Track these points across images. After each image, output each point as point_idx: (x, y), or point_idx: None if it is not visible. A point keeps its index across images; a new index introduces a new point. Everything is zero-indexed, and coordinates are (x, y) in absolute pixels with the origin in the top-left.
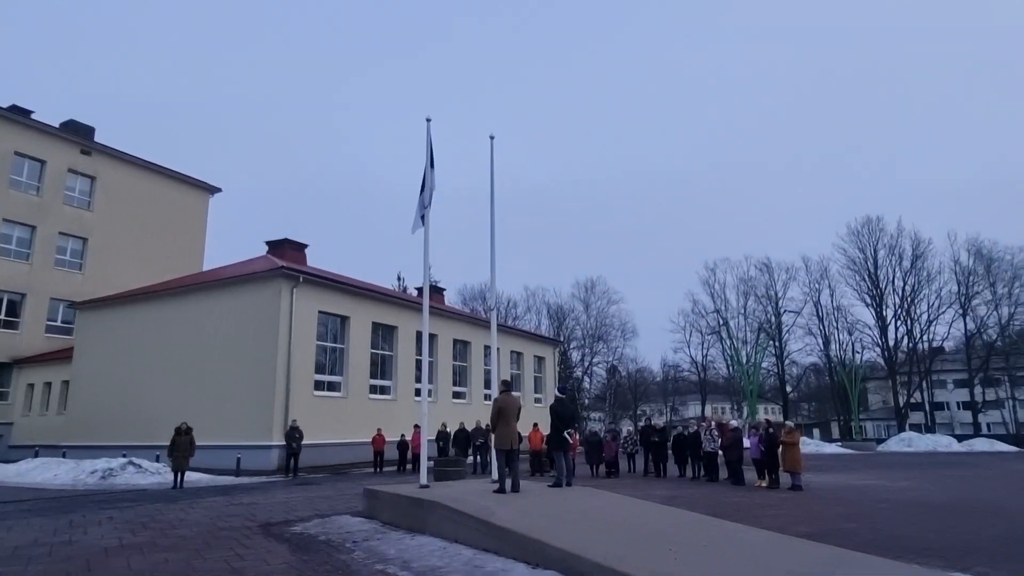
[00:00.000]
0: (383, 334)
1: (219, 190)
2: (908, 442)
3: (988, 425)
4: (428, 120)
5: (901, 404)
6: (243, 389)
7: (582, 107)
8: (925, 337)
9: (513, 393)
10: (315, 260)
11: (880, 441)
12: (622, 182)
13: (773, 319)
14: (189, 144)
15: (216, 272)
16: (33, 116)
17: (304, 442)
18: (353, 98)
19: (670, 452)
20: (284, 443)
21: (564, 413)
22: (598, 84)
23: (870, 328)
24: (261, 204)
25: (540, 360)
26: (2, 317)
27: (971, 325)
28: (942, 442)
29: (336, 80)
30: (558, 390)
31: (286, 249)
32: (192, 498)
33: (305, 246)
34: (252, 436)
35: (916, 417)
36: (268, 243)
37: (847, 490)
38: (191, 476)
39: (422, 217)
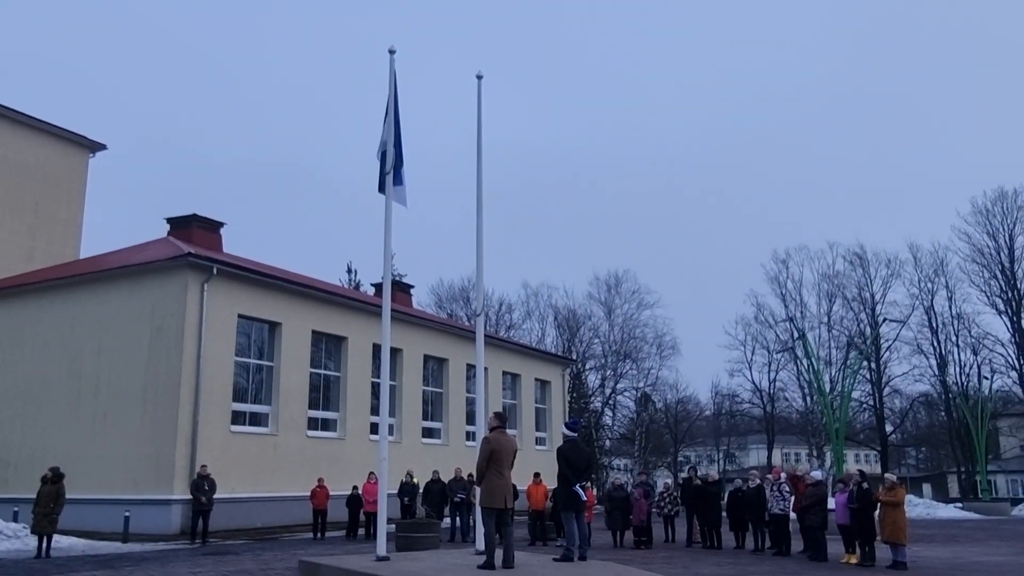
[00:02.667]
0: (327, 348)
1: (103, 147)
2: None
3: None
4: (392, 52)
5: None
6: (134, 423)
7: (602, 49)
8: None
9: (509, 431)
10: (235, 246)
11: (1016, 502)
12: (655, 147)
13: (869, 331)
14: (63, 87)
15: (98, 261)
16: None
17: (217, 496)
18: (290, 34)
19: (724, 514)
20: (190, 497)
21: (576, 459)
22: (624, 16)
23: (1003, 345)
24: (162, 169)
25: (544, 385)
26: None
27: None
28: None
29: (268, 8)
30: (567, 426)
31: (195, 229)
32: (62, 573)
33: (220, 225)
34: (146, 487)
35: None
36: (170, 220)
37: (970, 570)
38: (61, 541)
39: (382, 183)
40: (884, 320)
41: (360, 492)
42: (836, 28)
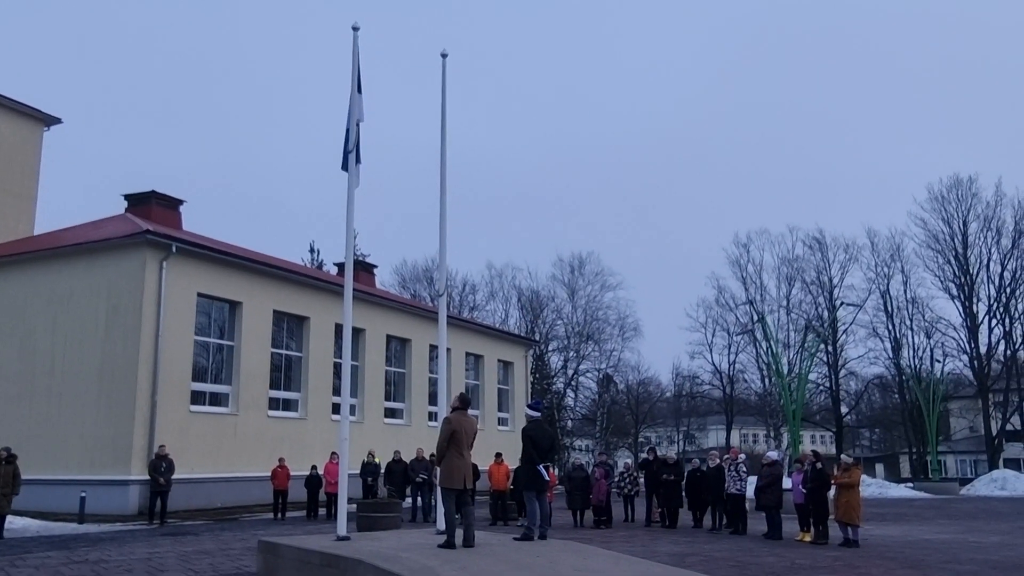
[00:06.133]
0: (289, 328)
1: (58, 120)
2: (1002, 483)
3: None
4: (355, 29)
5: (994, 432)
6: (90, 402)
7: (566, 31)
8: None
9: (470, 412)
10: (195, 224)
11: (965, 481)
12: (618, 129)
13: (826, 314)
14: (17, 60)
15: (53, 237)
16: None
17: (176, 476)
18: (255, 14)
19: (682, 494)
20: (148, 477)
21: (539, 440)
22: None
23: (955, 329)
24: (121, 144)
25: (507, 366)
26: None
27: None
28: None
29: None
30: (529, 407)
31: (153, 206)
32: (15, 554)
33: (180, 203)
34: (102, 467)
35: (1014, 450)
36: (128, 197)
37: (919, 547)
38: (15, 522)
39: (345, 161)
40: (841, 304)
41: (319, 472)
42: (795, 16)
